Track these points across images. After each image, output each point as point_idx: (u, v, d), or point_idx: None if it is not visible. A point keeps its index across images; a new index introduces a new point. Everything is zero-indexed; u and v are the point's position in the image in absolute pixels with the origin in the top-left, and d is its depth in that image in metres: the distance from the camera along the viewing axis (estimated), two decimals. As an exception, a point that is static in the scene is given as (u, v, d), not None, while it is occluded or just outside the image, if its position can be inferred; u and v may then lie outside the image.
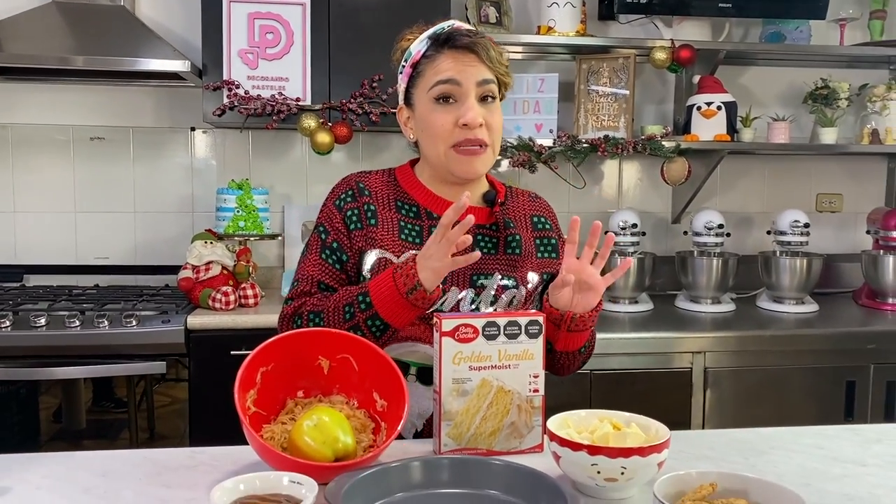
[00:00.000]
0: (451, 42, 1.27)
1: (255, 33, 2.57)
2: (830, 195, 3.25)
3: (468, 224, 1.12)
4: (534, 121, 2.77)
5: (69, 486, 1.01)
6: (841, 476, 1.05)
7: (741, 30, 3.10)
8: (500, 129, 1.33)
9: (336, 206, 1.35)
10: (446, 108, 1.28)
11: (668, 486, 0.85)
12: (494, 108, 1.31)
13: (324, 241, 1.34)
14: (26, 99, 2.78)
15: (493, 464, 0.97)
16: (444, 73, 1.27)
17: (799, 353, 2.49)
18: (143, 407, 2.36)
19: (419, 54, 1.30)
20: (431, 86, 1.28)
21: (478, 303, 1.31)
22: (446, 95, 1.27)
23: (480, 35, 1.30)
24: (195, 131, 2.86)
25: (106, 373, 2.25)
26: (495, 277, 1.32)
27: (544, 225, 1.43)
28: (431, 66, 1.28)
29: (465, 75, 1.26)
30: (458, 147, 1.28)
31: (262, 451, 0.98)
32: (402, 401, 1.06)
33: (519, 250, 1.35)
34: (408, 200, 1.36)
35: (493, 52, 1.29)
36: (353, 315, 1.21)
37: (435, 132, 1.29)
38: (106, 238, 2.85)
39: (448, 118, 1.28)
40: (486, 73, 1.28)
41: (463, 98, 1.27)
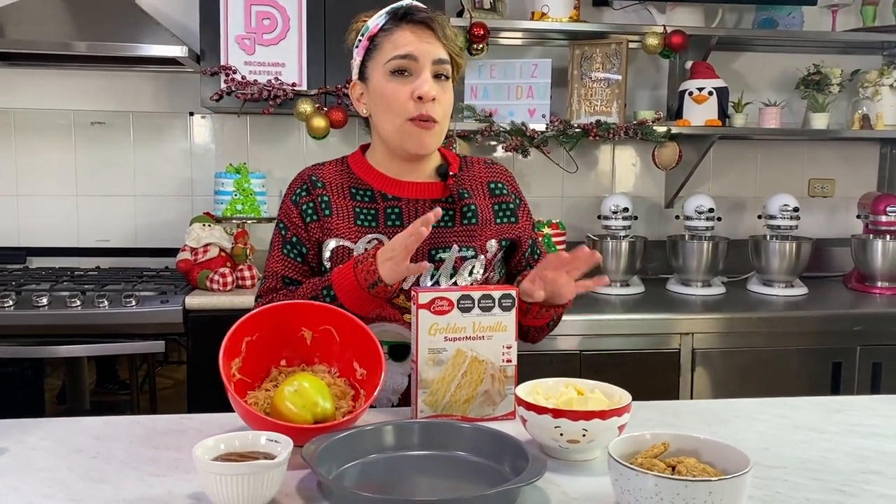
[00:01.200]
0: (408, 17, 1.31)
1: (252, 19, 2.61)
2: (823, 180, 3.28)
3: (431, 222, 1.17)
4: (527, 106, 2.81)
5: (64, 447, 1.07)
6: (798, 442, 1.10)
7: (735, 16, 3.12)
8: (450, 108, 1.36)
9: (293, 202, 1.39)
10: (402, 80, 1.31)
11: (623, 446, 0.90)
12: (447, 86, 1.34)
13: (284, 237, 1.38)
14: (28, 84, 2.83)
15: (461, 427, 1.02)
16: (402, 48, 1.30)
17: (786, 335, 2.54)
18: (146, 388, 2.42)
19: (377, 28, 1.33)
20: (389, 59, 1.31)
21: (437, 276, 1.34)
22: (402, 69, 1.30)
23: (437, 13, 1.34)
24: (194, 116, 2.91)
25: (105, 351, 2.31)
26: (453, 250, 1.35)
27: (501, 190, 1.46)
28: (389, 40, 1.31)
29: (422, 51, 1.30)
30: (413, 120, 1.31)
31: (246, 414, 1.04)
32: (380, 369, 1.11)
33: (476, 220, 1.38)
34: (362, 186, 1.38)
35: (448, 31, 1.33)
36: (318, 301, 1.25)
37: (390, 104, 1.32)
38: (107, 221, 2.91)
39: (404, 90, 1.30)
40: (442, 52, 1.32)
41: (418, 72, 1.30)
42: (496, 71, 2.81)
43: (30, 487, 0.94)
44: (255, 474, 0.85)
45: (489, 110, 2.78)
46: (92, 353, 2.30)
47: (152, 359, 2.39)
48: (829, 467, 1.01)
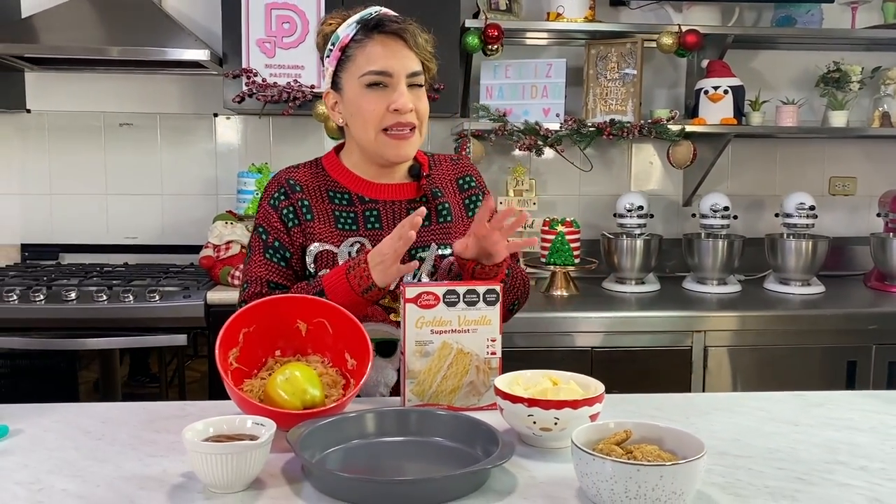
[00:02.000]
0: (380, 27, 1.33)
1: (273, 23, 2.69)
2: (844, 178, 3.26)
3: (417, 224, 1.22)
4: (541, 105, 2.84)
5: (73, 429, 1.15)
6: (770, 433, 1.13)
7: (754, 14, 3.12)
8: (427, 114, 1.39)
9: (271, 206, 1.40)
10: (377, 93, 1.34)
11: (588, 434, 0.94)
12: (421, 94, 1.38)
13: (265, 241, 1.39)
14: (60, 87, 2.95)
15: (438, 414, 1.07)
16: (375, 63, 1.32)
17: (800, 333, 2.53)
18: (175, 382, 2.51)
19: (348, 38, 1.34)
20: (363, 73, 1.33)
21: (419, 275, 1.39)
22: (378, 83, 1.33)
23: (408, 21, 1.36)
24: (218, 117, 3.01)
25: (129, 344, 2.40)
26: (432, 249, 1.40)
27: (469, 184, 1.50)
28: (362, 52, 1.33)
29: (396, 67, 1.32)
30: (388, 131, 1.35)
31: (240, 401, 1.10)
32: (367, 360, 1.17)
33: (450, 217, 1.43)
34: (339, 189, 1.42)
35: (420, 39, 1.35)
36: None
37: (366, 117, 1.34)
38: (135, 219, 3.02)
39: (380, 103, 1.33)
40: (415, 65, 1.35)
41: (394, 85, 1.33)
42: (511, 71, 2.86)
43: (38, 465, 1.02)
44: (238, 454, 0.91)
45: (504, 110, 2.82)
46: (116, 345, 2.40)
47: (181, 352, 2.48)
48: (795, 457, 1.04)
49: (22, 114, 2.94)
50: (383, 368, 1.38)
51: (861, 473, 0.99)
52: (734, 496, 0.92)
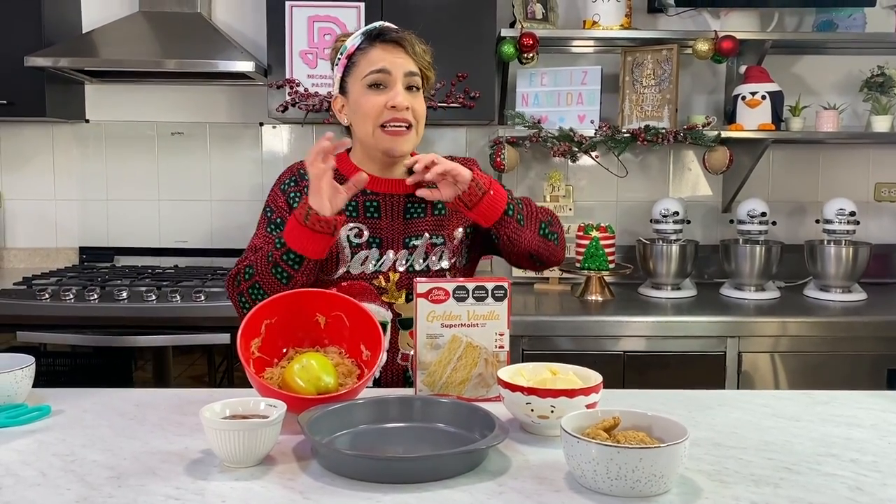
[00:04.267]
0: (381, 37, 1.50)
1: (315, 35, 2.80)
2: (890, 184, 3.20)
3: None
4: (577, 112, 2.88)
5: (109, 410, 1.25)
6: (769, 428, 1.15)
7: (795, 19, 3.10)
8: (423, 115, 1.54)
9: (281, 190, 1.57)
10: (377, 92, 1.49)
11: (578, 420, 0.99)
12: (418, 96, 1.53)
13: (269, 219, 1.56)
14: (116, 99, 3.12)
15: (440, 402, 1.13)
16: (376, 63, 1.48)
17: (838, 340, 2.50)
18: (225, 381, 2.62)
19: (353, 47, 1.51)
20: (365, 74, 1.49)
21: (411, 261, 1.52)
22: (378, 83, 1.48)
23: (408, 32, 1.52)
24: (264, 126, 3.13)
25: (175, 342, 2.52)
26: (425, 237, 1.53)
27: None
28: (365, 58, 1.50)
29: (394, 66, 1.48)
30: (385, 126, 1.48)
31: (260, 387, 1.18)
32: (378, 351, 1.23)
33: (445, 210, 1.56)
34: (344, 181, 1.51)
35: (418, 48, 1.51)
36: (272, 256, 1.43)
37: (366, 113, 1.49)
38: (185, 223, 3.16)
39: (379, 101, 1.48)
40: (412, 66, 1.50)
41: (392, 85, 1.48)
42: (546, 78, 2.90)
43: (74, 440, 1.12)
44: (250, 430, 0.99)
45: (539, 117, 2.86)
46: (163, 343, 2.52)
47: (230, 351, 2.58)
48: (788, 450, 1.06)
49: (81, 124, 3.12)
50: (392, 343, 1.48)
51: (850, 465, 1.01)
52: (718, 482, 0.95)
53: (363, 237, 1.52)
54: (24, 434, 1.14)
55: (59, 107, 2.92)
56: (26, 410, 1.21)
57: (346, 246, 1.51)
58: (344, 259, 1.51)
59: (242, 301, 1.50)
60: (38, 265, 3.12)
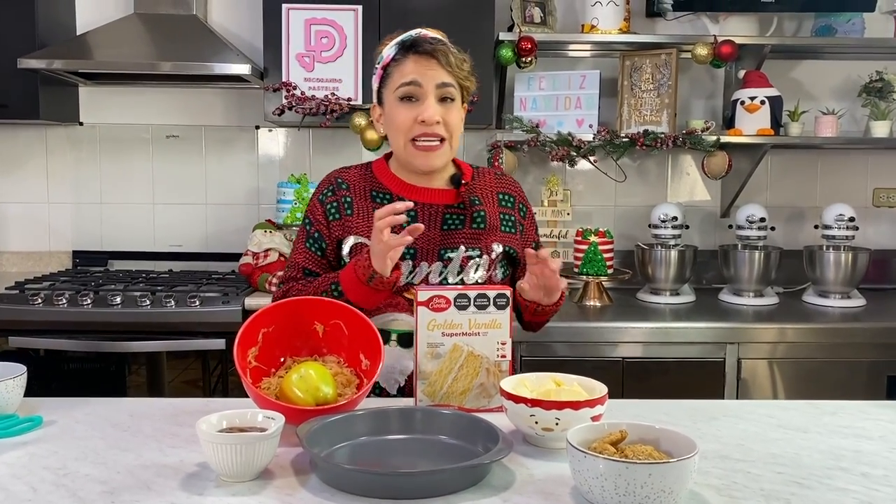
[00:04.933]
0: (414, 48, 1.46)
1: (312, 38, 2.77)
2: (888, 189, 3.19)
3: (416, 230, 1.32)
4: (575, 116, 2.86)
5: (102, 421, 1.22)
6: (775, 439, 1.13)
7: (794, 23, 3.09)
8: (458, 126, 1.49)
9: (319, 201, 1.55)
10: (409, 106, 1.46)
11: (584, 434, 0.97)
12: (453, 107, 1.48)
13: (308, 232, 1.54)
14: (111, 101, 3.09)
15: (442, 413, 1.11)
16: (407, 76, 1.45)
17: (838, 347, 2.49)
18: (220, 387, 2.59)
19: (388, 58, 1.49)
20: (397, 87, 1.46)
21: (445, 273, 1.48)
22: (409, 95, 1.45)
23: (442, 43, 1.47)
24: (260, 129, 3.10)
25: (170, 347, 2.50)
26: (460, 250, 1.49)
27: (509, 201, 1.59)
28: (398, 69, 1.47)
29: (425, 78, 1.44)
30: (415, 141, 1.46)
31: (256, 397, 1.15)
32: (378, 360, 1.21)
33: (483, 225, 1.52)
34: (381, 189, 1.54)
35: (452, 59, 1.46)
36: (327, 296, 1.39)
37: (397, 127, 1.47)
38: (180, 227, 3.13)
39: (409, 115, 1.45)
40: (445, 77, 1.45)
41: (423, 98, 1.45)
42: (545, 82, 2.89)
43: (66, 452, 1.09)
44: (247, 444, 0.96)
45: (537, 121, 2.85)
46: (157, 348, 2.50)
47: (225, 357, 2.55)
48: (796, 463, 1.04)
49: (75, 126, 3.09)
50: (401, 358, 1.45)
51: (861, 479, 0.99)
52: (728, 497, 0.93)
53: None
54: (14, 446, 1.11)
55: (52, 109, 2.89)
56: (17, 421, 1.18)
57: None
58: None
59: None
60: (31, 269, 3.08)
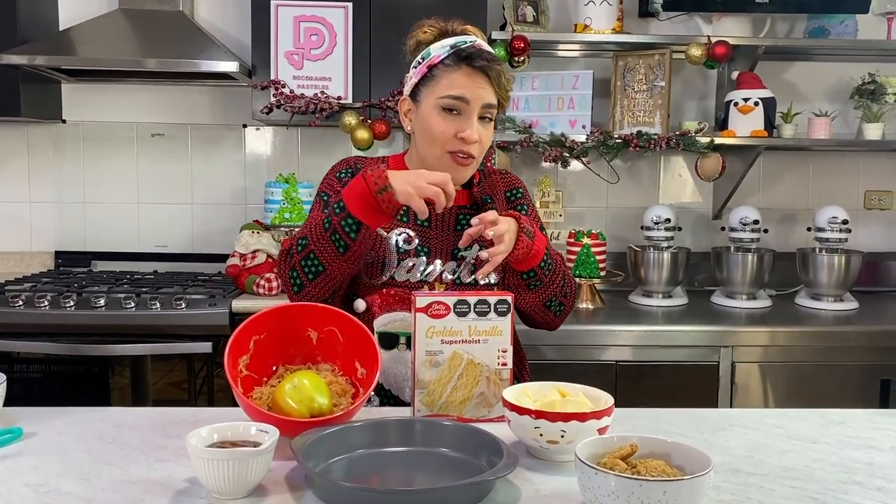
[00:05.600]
0: (470, 60, 1.38)
1: (301, 35, 2.72)
2: (880, 192, 3.19)
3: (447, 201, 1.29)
4: (568, 117, 2.83)
5: (86, 433, 1.17)
6: (786, 451, 1.10)
7: (786, 25, 3.07)
8: (489, 145, 1.47)
9: (336, 178, 1.51)
10: (450, 118, 1.40)
11: (592, 448, 0.93)
12: (489, 126, 1.45)
13: (326, 202, 1.48)
14: (95, 98, 3.02)
15: (443, 425, 1.07)
16: (457, 89, 1.38)
17: (831, 350, 2.47)
18: (205, 390, 2.53)
19: (438, 59, 1.40)
20: (443, 95, 1.39)
21: (459, 273, 1.46)
22: (453, 108, 1.40)
23: (497, 62, 1.41)
24: (247, 128, 3.05)
25: (155, 351, 2.44)
26: (474, 249, 1.46)
27: (515, 195, 1.58)
28: (447, 76, 1.39)
29: (475, 96, 1.39)
30: (453, 154, 1.41)
31: (248, 408, 1.11)
32: (375, 369, 1.16)
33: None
34: None
35: (503, 80, 1.42)
36: (330, 222, 1.32)
37: (435, 136, 1.41)
38: (165, 228, 3.06)
39: (450, 128, 1.40)
40: (492, 98, 1.41)
41: (467, 114, 1.40)
42: (538, 83, 2.85)
43: (48, 467, 1.04)
44: (240, 460, 0.91)
45: (530, 121, 2.81)
46: (142, 352, 2.44)
47: (211, 360, 2.50)
48: (810, 476, 1.01)
49: (58, 124, 3.02)
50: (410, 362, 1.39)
51: (878, 494, 0.96)
52: (742, 514, 0.89)
53: (412, 244, 1.46)
54: (-7, 459, 1.06)
55: (34, 106, 2.82)
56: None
57: (394, 251, 1.45)
58: (390, 264, 1.44)
59: (294, 276, 1.36)
60: (12, 270, 3.01)
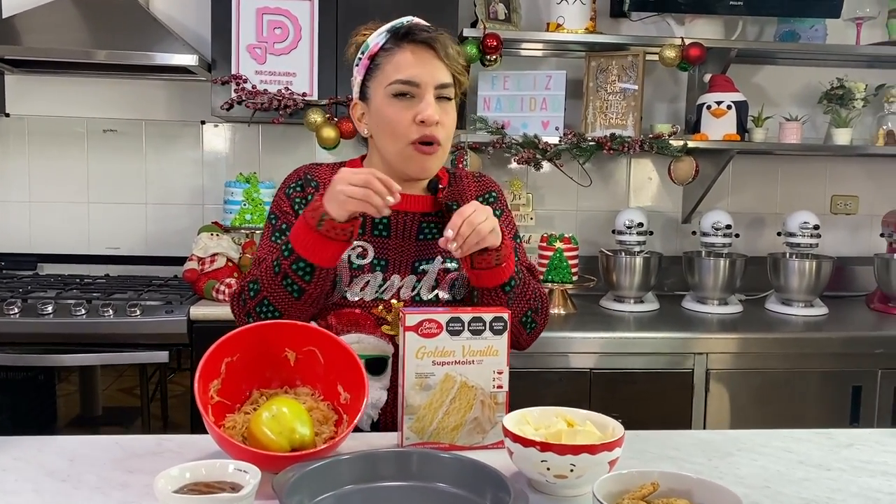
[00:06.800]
0: (410, 36, 1.28)
1: (264, 28, 2.59)
2: (846, 197, 3.19)
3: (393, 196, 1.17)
4: (540, 118, 2.76)
5: (35, 468, 1.04)
6: (802, 480, 1.04)
7: (756, 28, 3.06)
8: (453, 129, 1.33)
9: (285, 195, 1.38)
10: (404, 103, 1.29)
11: (609, 485, 0.85)
12: (449, 108, 1.32)
13: (274, 226, 1.36)
14: (42, 91, 2.84)
15: (441, 457, 0.97)
16: (403, 72, 1.27)
17: (804, 357, 2.46)
18: (158, 396, 2.39)
19: (377, 47, 1.30)
20: (390, 82, 1.28)
21: (419, 288, 1.33)
22: (404, 93, 1.28)
23: (439, 31, 1.30)
24: (206, 125, 2.90)
25: (108, 361, 2.29)
26: (437, 262, 1.34)
27: (488, 200, 1.45)
28: (390, 61, 1.29)
29: (424, 76, 1.27)
30: (416, 143, 1.29)
31: (220, 440, 1.00)
32: (362, 394, 1.07)
33: None
34: None
35: (451, 50, 1.30)
36: (279, 265, 1.22)
37: (393, 128, 1.29)
38: (117, 229, 2.90)
39: (406, 114, 1.28)
40: (445, 76, 1.29)
41: (421, 96, 1.28)
42: (510, 82, 2.77)
43: (-7, 512, 0.92)
44: (218, 507, 0.81)
45: (502, 122, 2.74)
46: (95, 362, 2.29)
47: (164, 368, 2.37)
48: (833, 510, 0.95)
49: (0, 118, 2.83)
50: (372, 388, 1.28)
51: (907, 530, 0.90)
52: (772, 558, 0.83)
53: (367, 258, 1.33)
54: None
55: (-26, 99, 2.65)
56: (-67, 469, 1.00)
57: (346, 267, 1.32)
58: (342, 282, 1.32)
59: (251, 322, 1.26)
60: (-51, 273, 2.82)
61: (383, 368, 1.30)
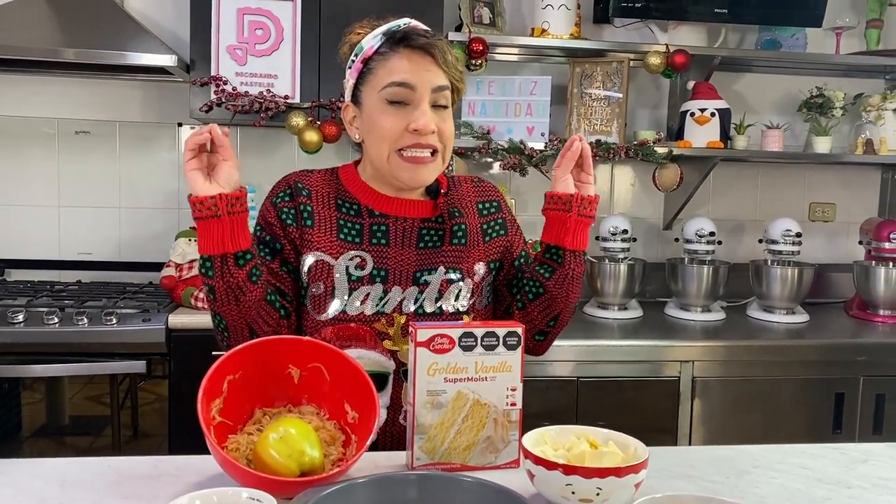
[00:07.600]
0: (406, 41, 1.22)
1: (245, 29, 2.53)
2: (823, 204, 3.23)
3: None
4: (525, 124, 2.74)
5: (24, 495, 0.98)
6: (824, 499, 1.02)
7: (737, 36, 3.07)
8: (452, 137, 1.28)
9: (272, 204, 1.31)
10: (397, 110, 1.23)
11: (643, 511, 0.82)
12: (447, 115, 1.26)
13: (258, 237, 1.30)
14: (10, 90, 2.74)
15: (463, 480, 0.93)
16: (397, 75, 1.21)
17: (788, 364, 2.47)
18: (128, 405, 2.32)
19: (371, 50, 1.24)
20: (384, 86, 1.22)
21: (421, 300, 1.27)
22: (398, 99, 1.22)
23: (437, 37, 1.25)
24: (182, 127, 2.82)
25: (84, 371, 2.21)
26: (439, 272, 1.29)
27: (489, 209, 1.40)
28: (384, 65, 1.23)
29: (419, 79, 1.21)
30: (402, 152, 1.23)
31: (225, 464, 0.95)
32: (374, 413, 1.02)
33: (465, 240, 1.32)
34: (349, 199, 1.31)
35: (449, 56, 1.24)
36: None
37: (382, 134, 1.23)
38: (90, 233, 2.81)
39: (398, 122, 1.22)
40: (442, 79, 1.24)
41: (416, 103, 1.22)
42: (494, 87, 2.74)
43: (-17, 546, 0.85)
44: (234, 541, 0.76)
45: (487, 127, 2.70)
46: (69, 372, 2.21)
47: (135, 376, 2.29)
48: (861, 532, 0.94)
49: (-34, 118, 2.73)
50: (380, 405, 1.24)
51: (940, 552, 0.89)
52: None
53: (366, 268, 1.26)
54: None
55: (-61, 98, 2.54)
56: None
57: (344, 279, 1.25)
58: (340, 295, 1.25)
59: (216, 324, 1.22)
60: (-89, 279, 2.71)
61: (384, 385, 1.25)
